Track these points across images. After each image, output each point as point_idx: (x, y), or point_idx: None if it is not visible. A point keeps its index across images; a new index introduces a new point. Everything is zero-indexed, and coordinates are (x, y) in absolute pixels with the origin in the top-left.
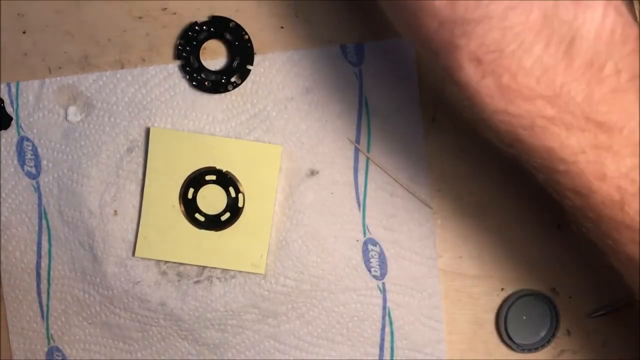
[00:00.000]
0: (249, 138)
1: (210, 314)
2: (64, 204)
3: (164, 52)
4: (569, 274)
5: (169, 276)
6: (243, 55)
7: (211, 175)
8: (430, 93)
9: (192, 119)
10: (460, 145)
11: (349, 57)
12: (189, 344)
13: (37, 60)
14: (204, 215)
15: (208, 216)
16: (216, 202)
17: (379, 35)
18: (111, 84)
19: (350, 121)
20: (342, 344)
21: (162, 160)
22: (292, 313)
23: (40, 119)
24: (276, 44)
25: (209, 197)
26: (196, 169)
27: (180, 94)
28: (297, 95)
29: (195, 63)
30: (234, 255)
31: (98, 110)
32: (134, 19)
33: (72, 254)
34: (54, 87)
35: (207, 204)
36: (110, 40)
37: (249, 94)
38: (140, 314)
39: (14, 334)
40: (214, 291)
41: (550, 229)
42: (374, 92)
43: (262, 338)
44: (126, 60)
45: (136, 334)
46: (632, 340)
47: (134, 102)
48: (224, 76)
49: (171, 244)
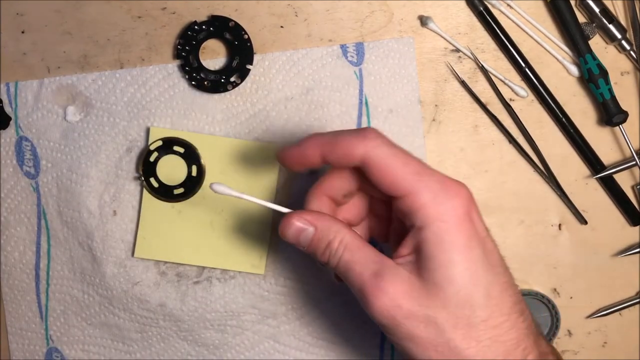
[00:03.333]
0: (249, 138)
1: (209, 315)
2: (63, 204)
3: (164, 51)
4: (569, 274)
5: (169, 277)
6: (243, 55)
7: (180, 147)
8: (431, 93)
9: (191, 118)
10: (460, 145)
11: (349, 57)
12: (189, 345)
13: (36, 59)
14: (158, 182)
15: (162, 184)
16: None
17: (379, 35)
18: (110, 84)
19: (350, 121)
20: (342, 344)
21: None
22: (292, 314)
23: (39, 119)
24: (276, 43)
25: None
26: (168, 137)
27: (180, 94)
28: (297, 95)
29: (195, 63)
30: (233, 256)
31: (97, 110)
32: (133, 19)
33: (71, 254)
34: (52, 86)
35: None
36: (110, 40)
37: (249, 94)
38: (140, 315)
39: (13, 334)
40: (214, 292)
41: (550, 229)
42: (374, 92)
43: (262, 339)
44: (125, 59)
45: (135, 335)
46: (632, 340)
47: (133, 102)
48: (223, 76)
49: (171, 244)
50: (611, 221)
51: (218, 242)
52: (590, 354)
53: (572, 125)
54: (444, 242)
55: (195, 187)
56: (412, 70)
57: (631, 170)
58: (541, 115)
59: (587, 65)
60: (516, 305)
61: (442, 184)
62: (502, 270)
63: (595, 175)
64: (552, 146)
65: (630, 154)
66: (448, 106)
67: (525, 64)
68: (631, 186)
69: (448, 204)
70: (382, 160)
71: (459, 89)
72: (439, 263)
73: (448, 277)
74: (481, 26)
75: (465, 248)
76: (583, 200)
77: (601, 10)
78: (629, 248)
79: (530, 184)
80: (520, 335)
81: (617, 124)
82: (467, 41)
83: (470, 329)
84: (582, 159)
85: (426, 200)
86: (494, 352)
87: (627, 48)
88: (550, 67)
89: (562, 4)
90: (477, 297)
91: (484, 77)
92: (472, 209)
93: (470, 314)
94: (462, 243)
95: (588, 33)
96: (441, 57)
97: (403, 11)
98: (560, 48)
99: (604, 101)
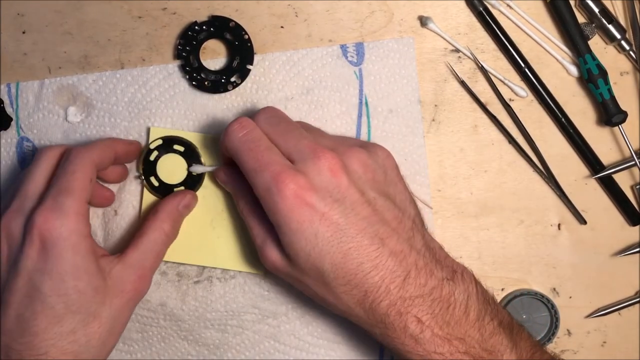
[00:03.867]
0: None
1: (210, 314)
2: None
3: (164, 52)
4: (568, 274)
5: (169, 276)
6: (243, 55)
7: (180, 146)
8: (430, 93)
9: (192, 118)
10: (460, 146)
11: (349, 57)
12: (189, 345)
13: (37, 60)
14: (158, 181)
15: (162, 183)
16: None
17: (379, 35)
18: (111, 84)
19: (350, 121)
20: (343, 344)
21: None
22: (292, 313)
23: (40, 120)
24: (276, 44)
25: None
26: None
27: (180, 94)
28: (297, 95)
29: (195, 63)
30: (234, 256)
31: (98, 110)
32: (133, 19)
33: None
34: (53, 87)
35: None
36: (110, 40)
37: (249, 94)
38: (140, 314)
39: None
40: (214, 291)
41: (550, 228)
42: (374, 92)
43: (262, 338)
44: (126, 60)
45: (136, 335)
46: (632, 340)
47: (134, 102)
48: (223, 76)
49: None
50: (610, 221)
51: (219, 241)
52: (590, 354)
53: (572, 126)
54: (281, 226)
55: (196, 186)
56: (412, 71)
57: (630, 170)
58: (541, 116)
59: (586, 66)
60: (362, 265)
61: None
62: (347, 238)
63: (594, 175)
64: (551, 146)
65: (630, 154)
66: (448, 106)
67: (524, 64)
68: (630, 186)
69: (277, 197)
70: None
71: (459, 89)
72: (284, 243)
73: (294, 254)
74: (481, 26)
75: (299, 230)
76: (582, 200)
77: (601, 10)
78: (628, 248)
79: (529, 184)
80: (370, 287)
81: (617, 124)
82: (466, 41)
83: (328, 285)
84: (581, 159)
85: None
86: (351, 298)
87: (626, 48)
88: (550, 67)
89: (562, 4)
90: (322, 265)
91: (483, 77)
92: (305, 194)
93: (321, 276)
94: (295, 227)
95: (587, 33)
96: (441, 57)
97: (403, 11)
98: (559, 48)
99: (604, 101)
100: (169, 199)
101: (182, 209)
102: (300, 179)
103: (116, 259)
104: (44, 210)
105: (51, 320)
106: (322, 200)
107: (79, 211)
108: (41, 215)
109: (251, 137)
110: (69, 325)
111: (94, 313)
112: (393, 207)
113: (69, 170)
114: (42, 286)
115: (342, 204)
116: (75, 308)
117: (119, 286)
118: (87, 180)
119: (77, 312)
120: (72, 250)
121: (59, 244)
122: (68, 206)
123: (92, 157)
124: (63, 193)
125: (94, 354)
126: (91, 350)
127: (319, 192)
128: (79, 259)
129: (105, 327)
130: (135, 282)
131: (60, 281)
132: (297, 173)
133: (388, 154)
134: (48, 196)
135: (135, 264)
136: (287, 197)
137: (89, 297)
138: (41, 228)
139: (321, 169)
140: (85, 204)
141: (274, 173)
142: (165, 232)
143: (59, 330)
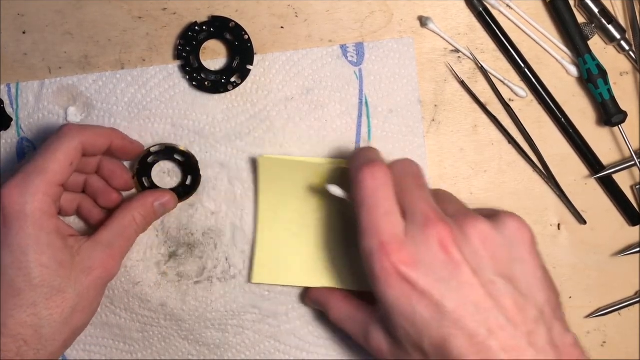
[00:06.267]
0: (249, 138)
1: (210, 314)
2: None
3: (164, 52)
4: (568, 274)
5: (169, 277)
6: (243, 55)
7: (180, 156)
8: (430, 93)
9: (192, 119)
10: (459, 146)
11: (349, 57)
12: (190, 344)
13: (37, 60)
14: (150, 182)
15: (154, 185)
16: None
17: (378, 35)
18: (111, 84)
19: (351, 121)
20: (343, 344)
21: (272, 188)
22: (292, 313)
23: (41, 120)
24: (276, 44)
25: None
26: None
27: (180, 94)
28: (297, 95)
29: (195, 63)
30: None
31: (98, 110)
32: (134, 19)
33: None
34: (54, 87)
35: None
36: (110, 41)
37: (249, 94)
38: (141, 315)
39: None
40: (214, 291)
41: (550, 228)
42: (374, 92)
43: (263, 338)
44: (126, 60)
45: (137, 335)
46: (632, 340)
47: (134, 103)
48: (224, 76)
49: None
50: (610, 221)
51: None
52: (589, 354)
53: (572, 126)
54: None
55: (184, 197)
56: (412, 71)
57: (630, 171)
58: (540, 116)
59: (586, 66)
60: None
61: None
62: (447, 323)
63: (594, 176)
64: (551, 146)
65: (630, 154)
66: (448, 106)
67: (524, 65)
68: (630, 186)
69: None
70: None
71: (459, 89)
72: (384, 317)
73: (394, 329)
74: (481, 27)
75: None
76: (582, 200)
77: (600, 10)
78: (628, 248)
79: (529, 184)
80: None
81: (616, 124)
82: (466, 41)
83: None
84: (581, 159)
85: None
86: None
87: (626, 48)
88: (550, 68)
89: (562, 5)
90: (422, 344)
91: (483, 77)
92: (406, 269)
93: (425, 355)
94: (391, 301)
95: (587, 33)
96: (441, 58)
97: (403, 11)
98: (559, 48)
99: (603, 101)
100: (147, 193)
101: (158, 206)
102: (404, 252)
103: (85, 237)
104: (10, 185)
105: (8, 292)
106: (425, 277)
107: (48, 192)
108: (7, 189)
109: (376, 194)
110: (30, 298)
111: (57, 287)
112: (513, 292)
113: (51, 148)
114: (2, 259)
115: (448, 284)
116: (38, 282)
117: (87, 262)
118: (66, 163)
119: (39, 285)
120: (35, 226)
121: (20, 218)
122: (36, 185)
123: (81, 139)
124: (37, 171)
125: (55, 328)
126: (53, 325)
127: (422, 267)
128: (43, 234)
129: (69, 302)
130: (104, 260)
131: (21, 254)
132: (402, 245)
133: (521, 225)
134: (21, 171)
135: (105, 243)
136: (386, 269)
137: (52, 271)
138: (4, 202)
139: (429, 241)
140: (57, 186)
141: (381, 242)
142: (135, 221)
143: (18, 303)
